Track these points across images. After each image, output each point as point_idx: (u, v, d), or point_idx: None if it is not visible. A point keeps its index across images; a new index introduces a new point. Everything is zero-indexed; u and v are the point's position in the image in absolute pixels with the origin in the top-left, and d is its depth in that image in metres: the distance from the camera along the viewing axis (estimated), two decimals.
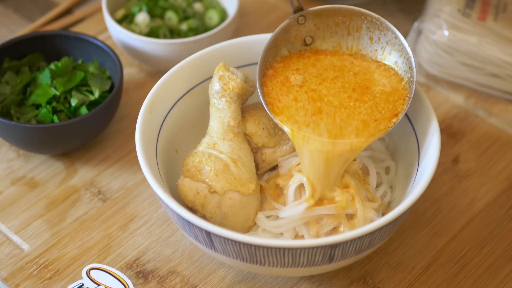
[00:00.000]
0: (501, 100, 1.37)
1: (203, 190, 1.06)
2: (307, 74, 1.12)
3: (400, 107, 1.08)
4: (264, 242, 0.97)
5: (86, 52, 1.32)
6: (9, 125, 1.19)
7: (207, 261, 1.15)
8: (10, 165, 1.27)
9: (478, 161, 1.28)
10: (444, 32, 1.34)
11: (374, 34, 1.13)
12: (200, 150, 1.09)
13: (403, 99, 1.09)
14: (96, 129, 1.25)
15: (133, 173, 1.25)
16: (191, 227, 1.01)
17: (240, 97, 1.12)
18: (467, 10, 1.37)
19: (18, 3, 1.55)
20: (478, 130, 1.32)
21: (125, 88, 1.37)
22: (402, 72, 1.11)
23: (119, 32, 1.33)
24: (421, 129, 1.12)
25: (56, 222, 1.19)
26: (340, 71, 1.13)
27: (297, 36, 1.15)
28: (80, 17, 1.51)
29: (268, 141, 1.13)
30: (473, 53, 1.34)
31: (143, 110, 1.11)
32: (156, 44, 1.31)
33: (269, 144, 1.13)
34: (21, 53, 1.31)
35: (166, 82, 1.15)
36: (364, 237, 0.99)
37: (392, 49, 1.12)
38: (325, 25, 1.15)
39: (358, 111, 1.08)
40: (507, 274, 1.14)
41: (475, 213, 1.21)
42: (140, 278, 1.13)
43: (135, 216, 1.20)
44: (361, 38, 1.14)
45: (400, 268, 1.14)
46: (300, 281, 1.12)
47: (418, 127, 1.13)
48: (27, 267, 1.14)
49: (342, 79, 1.12)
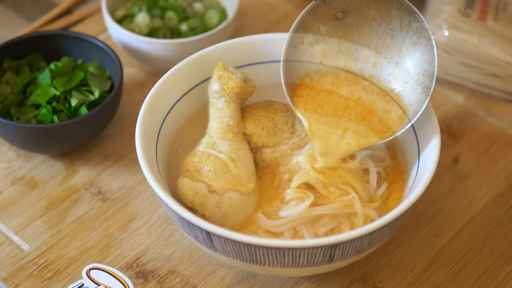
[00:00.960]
0: (501, 100, 1.37)
1: (202, 189, 1.06)
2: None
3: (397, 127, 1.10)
4: (264, 242, 0.97)
5: (86, 52, 1.32)
6: (9, 125, 1.19)
7: (207, 261, 1.15)
8: (10, 165, 1.27)
9: (478, 161, 1.28)
10: (444, 32, 1.34)
11: (404, 17, 1.12)
12: (200, 150, 1.09)
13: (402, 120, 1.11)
14: (96, 129, 1.25)
15: (133, 173, 1.25)
16: (191, 227, 1.01)
17: (240, 97, 1.12)
18: (467, 10, 1.37)
19: (18, 3, 1.55)
20: (478, 130, 1.32)
21: (125, 88, 1.37)
22: (414, 82, 1.12)
23: (119, 32, 1.33)
24: (421, 129, 1.12)
25: (56, 222, 1.19)
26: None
27: (327, 13, 1.14)
28: (80, 17, 1.51)
29: (267, 140, 1.13)
30: (473, 53, 1.34)
31: (143, 110, 1.11)
32: (156, 44, 1.31)
33: (268, 143, 1.13)
34: (21, 53, 1.31)
35: (166, 82, 1.15)
36: (364, 237, 0.99)
37: (420, 37, 1.11)
38: (355, 3, 1.14)
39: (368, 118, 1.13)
40: (507, 274, 1.14)
41: (475, 213, 1.21)
42: (140, 278, 1.13)
43: (135, 216, 1.20)
44: (392, 22, 1.13)
45: (400, 268, 1.14)
46: (300, 281, 1.13)
47: (418, 127, 1.13)
48: (27, 267, 1.14)
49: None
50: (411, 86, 1.12)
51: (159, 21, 1.38)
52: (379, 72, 1.14)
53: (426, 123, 1.10)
